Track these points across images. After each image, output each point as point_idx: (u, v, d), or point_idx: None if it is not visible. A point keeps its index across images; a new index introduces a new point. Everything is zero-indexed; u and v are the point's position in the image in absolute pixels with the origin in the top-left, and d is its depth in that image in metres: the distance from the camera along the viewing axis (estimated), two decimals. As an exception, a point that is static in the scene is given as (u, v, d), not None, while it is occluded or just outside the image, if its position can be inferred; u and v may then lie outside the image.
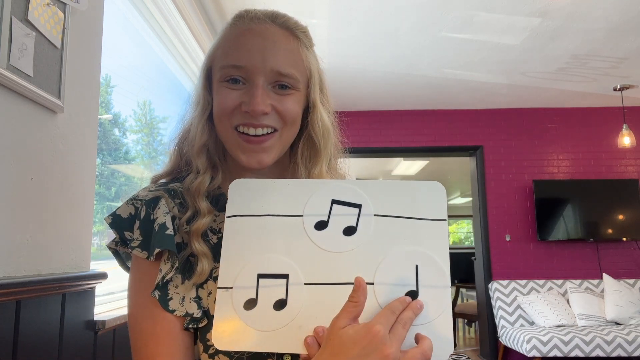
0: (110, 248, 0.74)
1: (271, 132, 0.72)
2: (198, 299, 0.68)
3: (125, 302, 0.72)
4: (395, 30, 3.05)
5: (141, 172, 2.38)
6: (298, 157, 0.77)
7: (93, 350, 1.26)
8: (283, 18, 0.75)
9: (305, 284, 0.62)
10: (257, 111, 0.69)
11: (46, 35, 1.07)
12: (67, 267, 1.19)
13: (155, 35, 2.33)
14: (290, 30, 0.74)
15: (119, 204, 0.74)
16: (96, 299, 1.31)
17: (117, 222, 0.71)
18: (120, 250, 0.74)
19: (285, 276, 0.62)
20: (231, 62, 0.71)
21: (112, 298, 1.65)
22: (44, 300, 1.04)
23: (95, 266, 1.35)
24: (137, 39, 2.26)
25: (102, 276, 1.29)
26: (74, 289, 1.16)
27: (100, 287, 1.35)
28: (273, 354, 0.66)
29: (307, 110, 0.77)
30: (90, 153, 1.32)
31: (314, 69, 0.76)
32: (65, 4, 1.15)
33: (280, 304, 0.61)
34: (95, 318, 1.28)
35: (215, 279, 0.68)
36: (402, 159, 6.46)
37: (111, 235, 0.73)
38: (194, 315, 0.66)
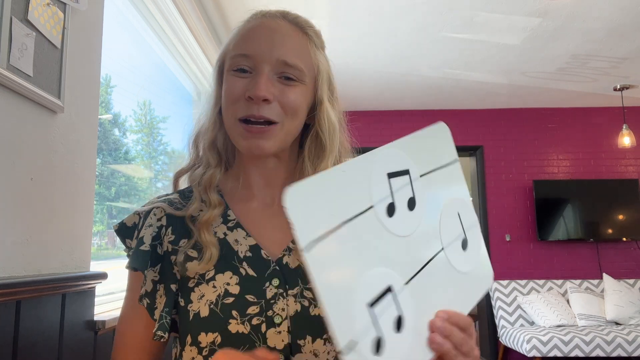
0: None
1: (272, 124, 0.71)
2: (166, 314, 0.70)
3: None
4: (395, 30, 3.05)
5: (141, 172, 2.38)
6: (305, 154, 0.78)
7: (93, 350, 1.26)
8: (294, 16, 0.78)
9: (405, 283, 0.55)
10: (259, 96, 0.69)
11: (46, 35, 1.07)
12: (67, 267, 1.19)
13: (155, 35, 2.33)
14: (300, 27, 0.76)
15: (118, 204, 0.78)
16: (96, 299, 1.31)
17: (122, 230, 0.77)
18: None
19: (390, 288, 0.53)
20: (239, 51, 0.73)
21: (112, 298, 1.65)
22: (44, 300, 1.04)
23: (96, 266, 1.35)
24: (137, 39, 2.26)
25: (102, 276, 1.29)
26: (74, 289, 1.16)
27: (100, 287, 1.35)
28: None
29: (314, 108, 0.78)
30: (90, 153, 1.32)
31: (322, 67, 0.77)
32: (65, 4, 1.15)
33: (398, 323, 0.53)
34: (95, 318, 1.28)
35: (209, 281, 0.70)
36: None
37: (111, 235, 0.76)
38: (156, 331, 0.70)
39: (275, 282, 0.69)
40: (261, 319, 0.66)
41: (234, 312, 0.66)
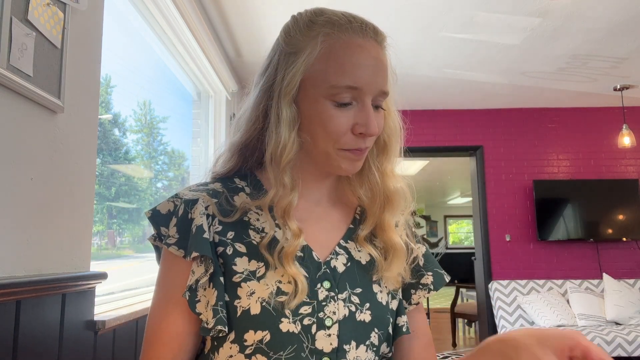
0: (151, 242, 0.74)
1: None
2: (221, 308, 0.66)
3: (124, 302, 0.73)
4: (396, 30, 3.05)
5: (141, 172, 2.38)
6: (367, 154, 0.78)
7: (93, 350, 1.26)
8: (380, 35, 0.75)
9: None
10: (375, 133, 0.70)
11: (46, 35, 1.07)
12: (67, 267, 1.19)
13: (155, 35, 2.33)
14: (383, 47, 0.75)
15: (118, 204, 0.75)
16: (96, 299, 1.31)
17: (155, 217, 0.72)
18: (157, 244, 0.74)
19: None
20: (347, 82, 0.68)
21: (112, 298, 1.65)
22: (44, 300, 1.04)
23: (96, 266, 1.35)
24: (137, 39, 2.27)
25: (102, 276, 1.29)
26: (74, 289, 1.16)
27: (100, 287, 1.35)
28: (312, 354, 0.65)
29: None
30: (90, 153, 1.32)
31: (392, 78, 0.77)
32: (65, 4, 1.15)
33: None
34: (95, 318, 1.28)
35: (259, 278, 0.67)
36: (402, 158, 6.45)
37: (111, 235, 0.74)
38: (207, 326, 0.65)
39: (327, 284, 0.69)
40: (312, 319, 0.66)
41: (287, 311, 0.65)
